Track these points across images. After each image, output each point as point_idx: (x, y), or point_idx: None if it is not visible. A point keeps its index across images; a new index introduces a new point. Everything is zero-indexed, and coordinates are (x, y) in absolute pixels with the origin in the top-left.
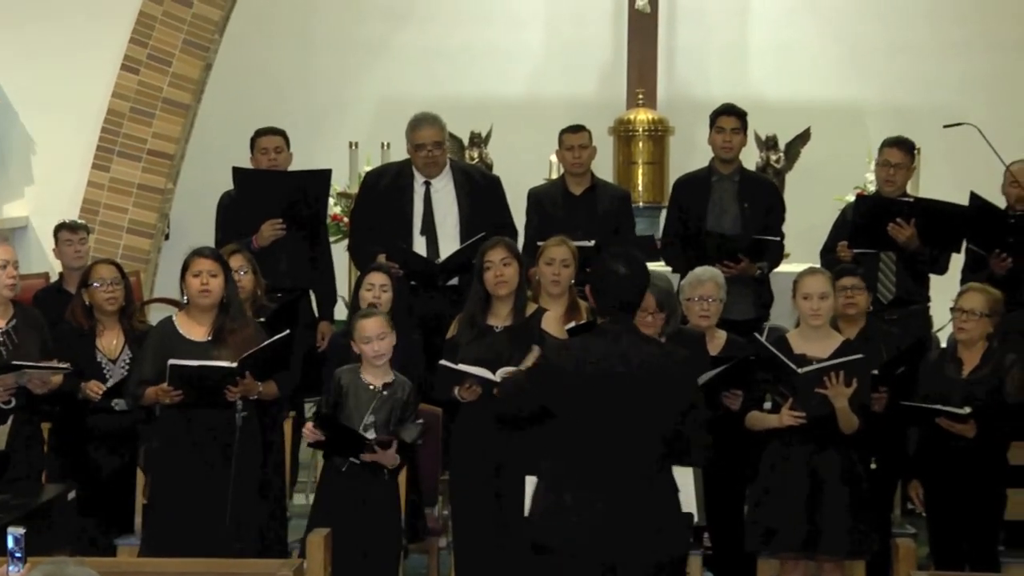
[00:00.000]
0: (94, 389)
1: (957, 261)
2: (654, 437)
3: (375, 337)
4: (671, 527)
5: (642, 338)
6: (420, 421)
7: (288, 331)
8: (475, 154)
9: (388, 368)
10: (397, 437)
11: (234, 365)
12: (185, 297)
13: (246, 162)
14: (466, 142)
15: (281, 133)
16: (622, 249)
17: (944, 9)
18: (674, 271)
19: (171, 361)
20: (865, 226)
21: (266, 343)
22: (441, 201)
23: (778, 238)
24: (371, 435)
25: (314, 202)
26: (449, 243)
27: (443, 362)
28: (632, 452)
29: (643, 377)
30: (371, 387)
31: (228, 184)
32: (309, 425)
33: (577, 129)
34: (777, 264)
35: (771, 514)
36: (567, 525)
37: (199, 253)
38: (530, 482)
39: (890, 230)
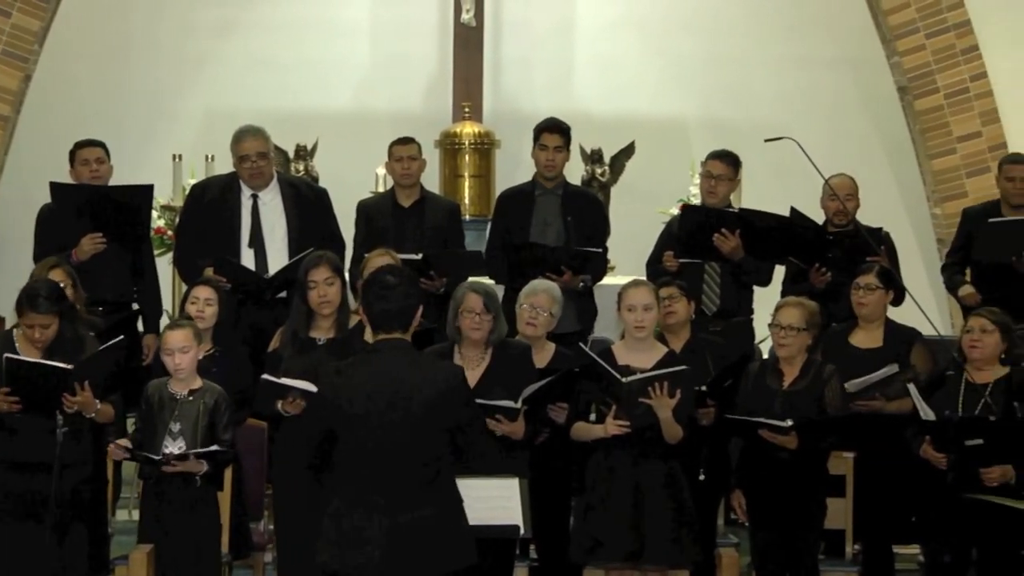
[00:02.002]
0: None
1: (780, 273)
2: (431, 453)
3: (177, 350)
4: (455, 540)
5: (414, 354)
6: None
7: (122, 336)
8: (301, 167)
9: (195, 376)
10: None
11: (71, 367)
12: None
13: (66, 174)
14: (292, 155)
15: (101, 145)
16: (392, 265)
17: (765, 25)
18: (497, 283)
19: (7, 355)
20: (691, 236)
21: (103, 348)
22: (269, 214)
23: (601, 251)
24: (179, 442)
25: (136, 216)
26: (277, 256)
27: (265, 376)
28: (410, 470)
29: (416, 394)
30: (175, 395)
31: (47, 197)
32: (111, 447)
33: (406, 141)
34: (601, 277)
35: (597, 525)
36: (353, 551)
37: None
38: None
39: (715, 240)
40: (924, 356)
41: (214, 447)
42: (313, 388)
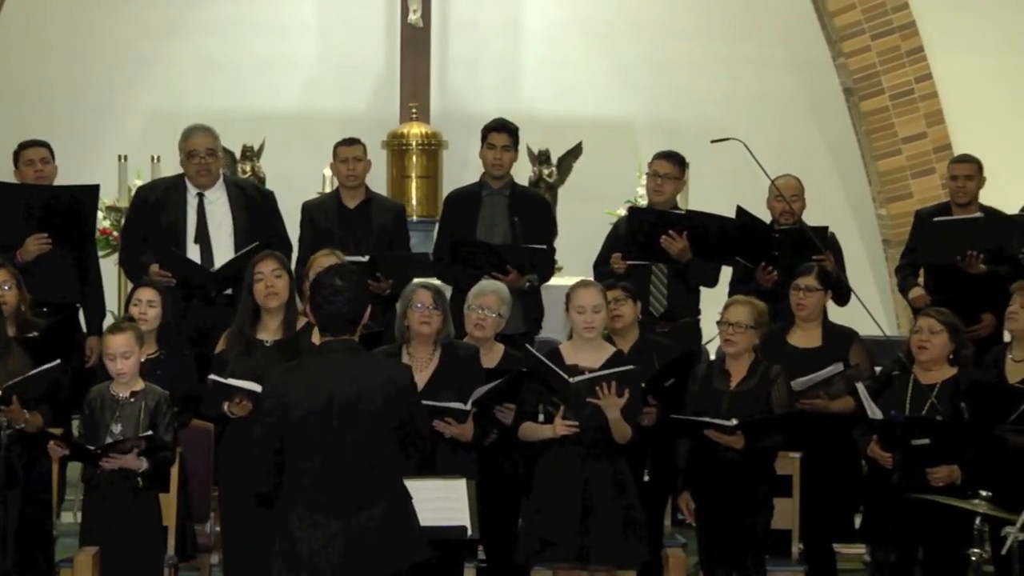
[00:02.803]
0: None
1: (727, 274)
2: (380, 453)
3: (119, 355)
4: (408, 536)
5: (363, 354)
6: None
7: (59, 360)
8: (248, 167)
9: (138, 379)
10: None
11: None
12: None
13: (11, 175)
14: (239, 155)
15: (46, 145)
16: (340, 265)
17: (712, 27)
18: (445, 284)
19: None
20: (638, 238)
21: (33, 372)
22: (215, 212)
23: (545, 247)
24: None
25: (81, 217)
26: (223, 253)
27: (212, 377)
28: (360, 470)
29: (366, 394)
30: (116, 397)
31: None
32: (50, 445)
33: (351, 142)
34: (547, 277)
35: (545, 525)
36: (307, 555)
37: None
38: None
39: (663, 242)
40: (862, 356)
41: (149, 432)
42: (259, 389)
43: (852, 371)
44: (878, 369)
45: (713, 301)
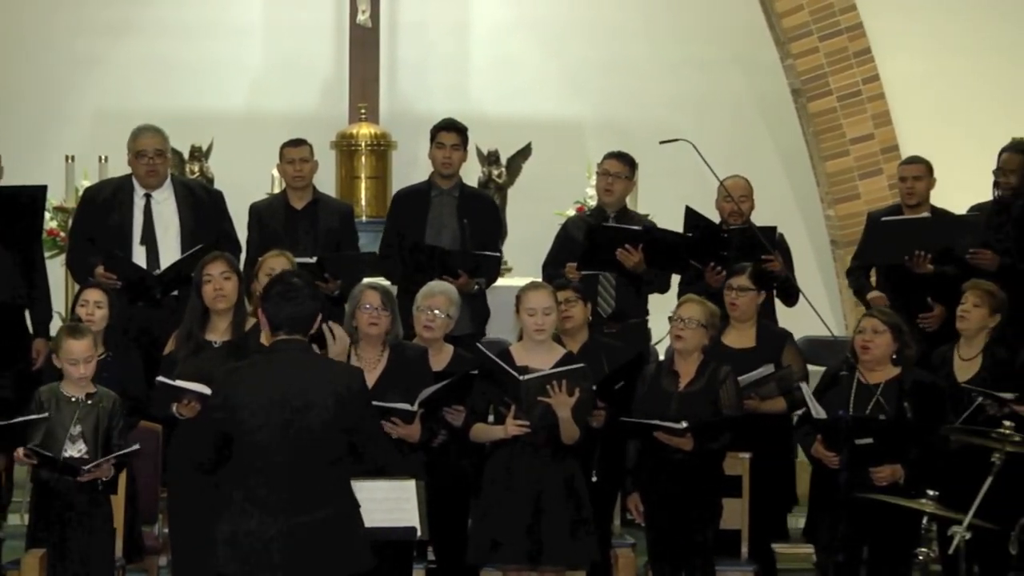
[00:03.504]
0: None
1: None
2: (330, 455)
3: (82, 360)
4: (352, 544)
5: (313, 355)
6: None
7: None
8: (196, 168)
9: (89, 381)
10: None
11: None
12: None
13: None
14: (186, 156)
15: None
16: (291, 270)
17: (660, 28)
18: (392, 283)
19: None
20: (594, 251)
21: None
22: (162, 213)
23: (497, 254)
24: (79, 444)
25: (28, 217)
26: (169, 254)
27: (160, 378)
28: (308, 472)
29: (317, 395)
30: (73, 399)
31: None
32: (19, 452)
33: (298, 143)
34: (495, 279)
35: (495, 526)
36: (249, 554)
37: None
38: None
39: (619, 255)
40: (795, 357)
41: (131, 448)
42: (208, 391)
43: (784, 372)
44: (822, 369)
45: (662, 301)
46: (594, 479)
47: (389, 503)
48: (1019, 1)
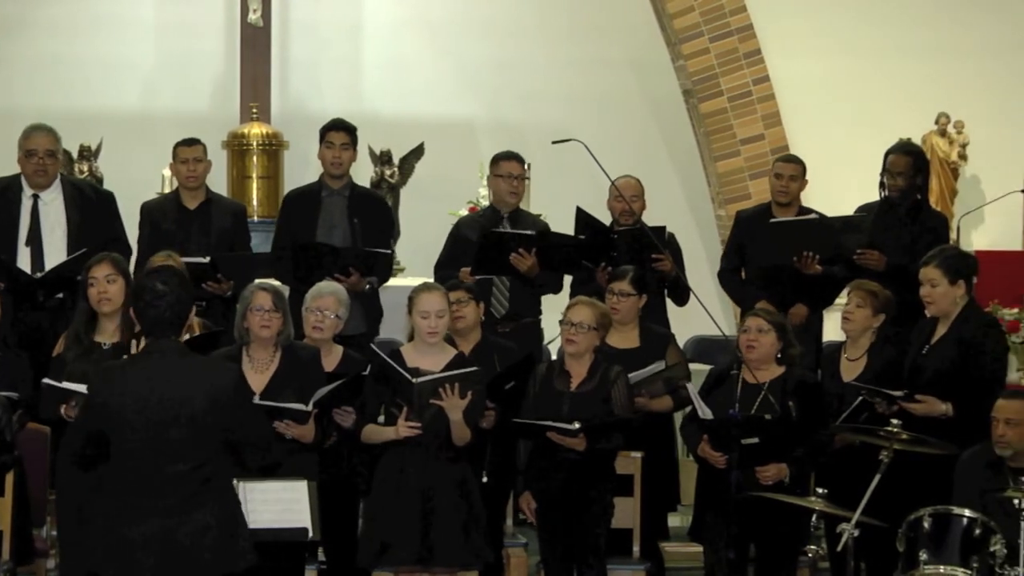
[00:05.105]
0: None
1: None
2: (204, 455)
3: None
4: (231, 543)
5: (188, 355)
6: None
7: None
8: (85, 168)
9: None
10: None
11: None
12: None
13: None
14: (76, 155)
15: None
16: (161, 268)
17: (552, 28)
18: (283, 284)
19: None
20: (487, 255)
21: None
22: (49, 214)
23: (388, 251)
24: None
25: None
26: (55, 255)
27: (47, 380)
28: (183, 473)
29: (189, 395)
30: None
31: None
32: None
33: (191, 142)
34: (387, 279)
35: (385, 528)
36: (124, 556)
37: None
38: None
39: (512, 260)
40: (678, 356)
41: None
42: None
43: (672, 371)
44: (708, 368)
45: (555, 301)
46: (485, 479)
47: (281, 503)
48: (906, 3)
